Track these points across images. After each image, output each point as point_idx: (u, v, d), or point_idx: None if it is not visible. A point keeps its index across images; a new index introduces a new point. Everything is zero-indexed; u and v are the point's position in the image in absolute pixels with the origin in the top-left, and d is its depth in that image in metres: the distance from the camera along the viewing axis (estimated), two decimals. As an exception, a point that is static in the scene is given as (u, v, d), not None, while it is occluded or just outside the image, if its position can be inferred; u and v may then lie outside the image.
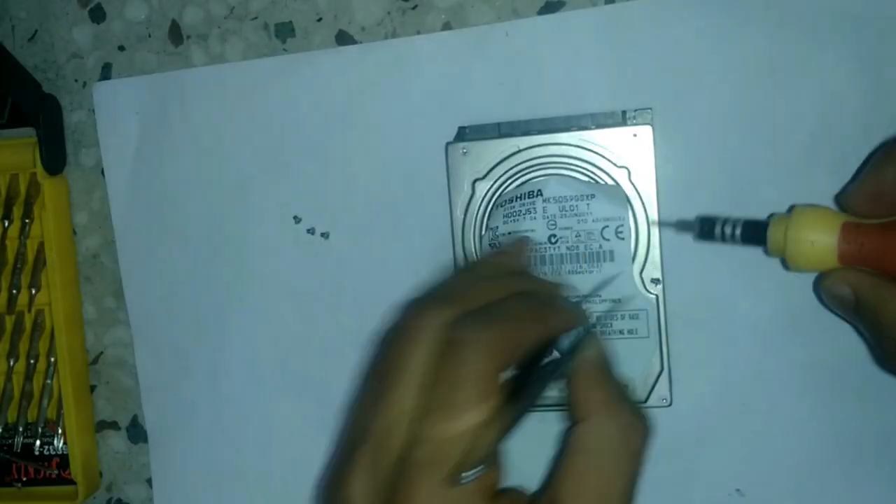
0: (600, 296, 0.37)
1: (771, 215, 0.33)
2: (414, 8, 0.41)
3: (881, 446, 0.38)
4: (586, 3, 0.39)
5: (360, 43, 0.41)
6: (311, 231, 0.42)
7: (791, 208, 0.33)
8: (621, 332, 0.37)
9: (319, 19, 0.41)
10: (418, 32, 0.40)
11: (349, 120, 0.41)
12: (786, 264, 0.33)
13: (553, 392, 0.38)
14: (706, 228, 0.34)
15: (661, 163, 0.37)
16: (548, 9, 0.39)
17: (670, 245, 0.37)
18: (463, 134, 0.39)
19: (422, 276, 0.41)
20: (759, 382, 0.38)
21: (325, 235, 0.42)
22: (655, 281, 0.37)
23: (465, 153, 0.38)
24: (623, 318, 0.37)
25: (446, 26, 0.40)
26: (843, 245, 0.31)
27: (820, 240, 0.31)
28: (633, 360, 0.37)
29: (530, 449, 0.40)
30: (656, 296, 0.37)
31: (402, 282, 0.41)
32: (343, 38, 0.41)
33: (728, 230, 0.34)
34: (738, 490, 0.39)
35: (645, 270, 0.37)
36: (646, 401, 0.37)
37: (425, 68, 0.40)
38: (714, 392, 0.39)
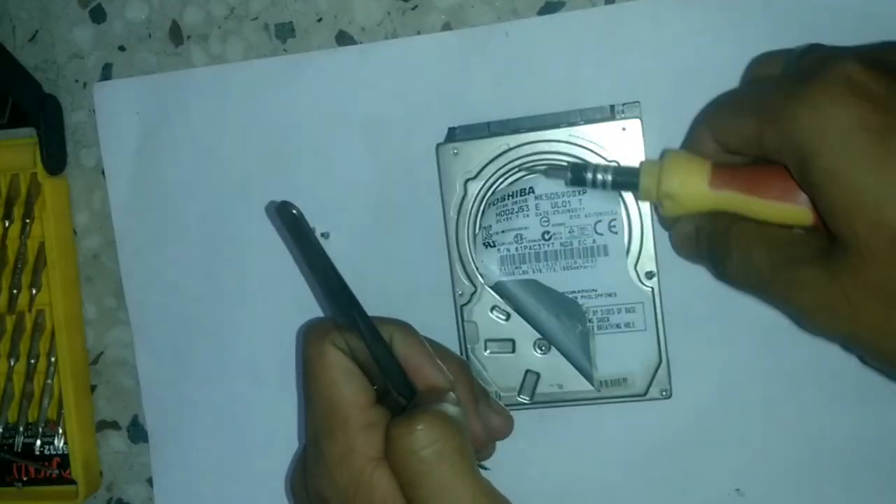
0: (596, 290, 0.37)
1: (642, 162, 0.34)
2: (414, 8, 0.41)
3: (880, 446, 0.38)
4: (586, 3, 0.39)
5: (360, 43, 0.41)
6: (311, 231, 0.42)
7: (662, 154, 0.33)
8: (618, 325, 0.37)
9: (319, 19, 0.42)
10: (418, 32, 0.41)
11: (349, 120, 0.41)
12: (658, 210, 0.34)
13: (553, 388, 0.38)
14: (577, 175, 0.35)
15: (653, 156, 0.37)
16: (548, 9, 0.39)
17: (664, 238, 0.37)
18: (453, 134, 0.39)
19: (421, 276, 0.41)
20: (758, 381, 0.38)
21: (325, 235, 0.42)
22: (650, 274, 0.37)
23: (455, 153, 0.38)
24: (620, 312, 0.37)
25: (446, 26, 0.40)
26: (713, 186, 0.31)
27: (690, 183, 0.32)
28: (632, 354, 0.37)
29: (530, 449, 0.40)
30: (651, 289, 0.37)
31: (402, 282, 0.41)
32: (343, 39, 0.41)
33: (600, 176, 0.34)
34: (737, 490, 0.39)
35: (639, 264, 0.37)
36: (646, 393, 0.37)
37: (425, 69, 0.40)
38: (713, 391, 0.39)
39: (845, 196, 0.26)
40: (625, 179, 0.34)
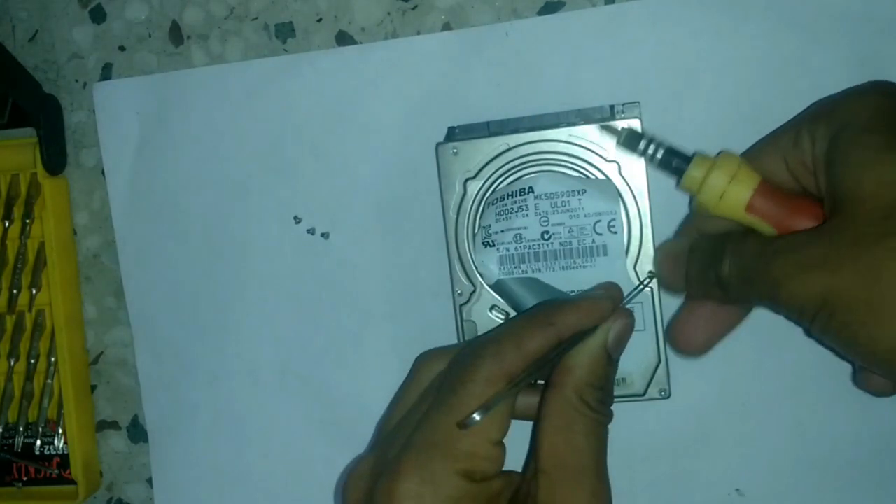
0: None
1: (695, 153, 0.34)
2: (414, 8, 0.41)
3: (880, 446, 0.38)
4: (586, 3, 0.39)
5: (360, 43, 0.41)
6: (311, 231, 0.42)
7: (719, 154, 0.33)
8: None
9: (319, 19, 0.42)
10: (418, 32, 0.41)
11: (349, 120, 0.41)
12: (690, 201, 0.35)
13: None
14: (630, 140, 0.35)
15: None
16: (548, 9, 0.39)
17: (663, 238, 0.37)
18: (453, 134, 0.39)
19: (421, 276, 0.41)
20: (758, 381, 0.38)
21: (325, 235, 0.42)
22: (650, 274, 0.37)
23: (455, 153, 0.38)
24: None
25: (446, 26, 0.40)
26: (753, 202, 0.32)
27: (735, 191, 0.32)
28: (631, 354, 0.37)
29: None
30: (651, 288, 0.37)
31: (402, 282, 0.41)
32: (343, 39, 0.41)
33: (651, 149, 0.34)
34: (737, 490, 0.39)
35: (639, 264, 0.37)
36: (644, 393, 0.37)
37: (425, 69, 0.40)
38: (713, 391, 0.39)
39: (866, 154, 0.29)
40: (674, 160, 0.34)
